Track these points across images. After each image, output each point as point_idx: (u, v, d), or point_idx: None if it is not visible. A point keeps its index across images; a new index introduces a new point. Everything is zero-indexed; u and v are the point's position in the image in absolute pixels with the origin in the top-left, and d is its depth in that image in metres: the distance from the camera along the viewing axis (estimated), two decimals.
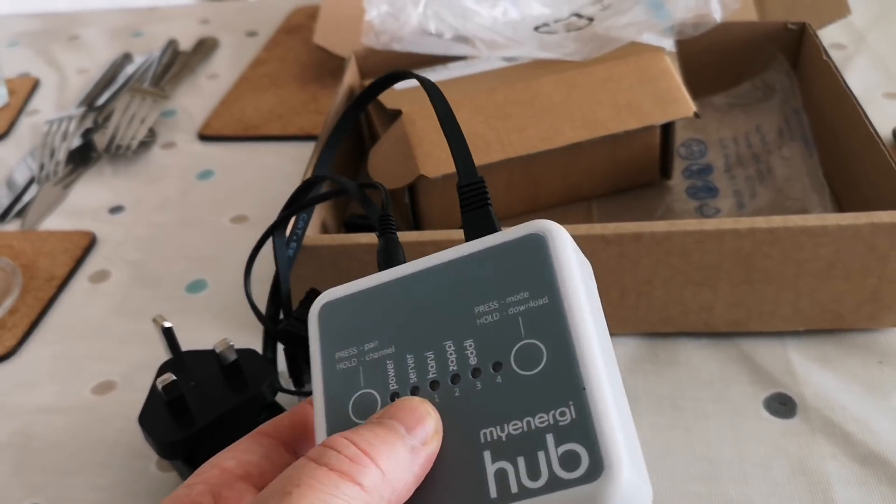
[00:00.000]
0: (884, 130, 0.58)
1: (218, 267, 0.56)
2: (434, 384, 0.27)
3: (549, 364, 0.25)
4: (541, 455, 0.24)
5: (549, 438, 0.24)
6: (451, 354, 0.27)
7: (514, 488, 0.24)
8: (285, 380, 0.45)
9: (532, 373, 0.25)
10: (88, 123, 0.75)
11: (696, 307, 0.45)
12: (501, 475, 0.24)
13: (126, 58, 0.87)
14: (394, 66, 0.61)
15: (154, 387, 0.40)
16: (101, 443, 0.45)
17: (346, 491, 0.23)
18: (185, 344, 0.42)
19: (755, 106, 0.61)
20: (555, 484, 0.23)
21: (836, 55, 0.69)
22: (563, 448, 0.24)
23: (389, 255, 0.32)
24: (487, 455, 0.25)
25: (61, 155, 0.71)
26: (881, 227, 0.41)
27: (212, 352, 0.40)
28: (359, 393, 0.27)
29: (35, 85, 0.85)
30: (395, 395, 0.27)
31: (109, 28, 0.96)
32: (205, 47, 0.88)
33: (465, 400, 0.26)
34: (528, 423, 0.25)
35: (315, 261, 0.45)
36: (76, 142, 0.73)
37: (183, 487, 0.28)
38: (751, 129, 0.60)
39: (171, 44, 0.87)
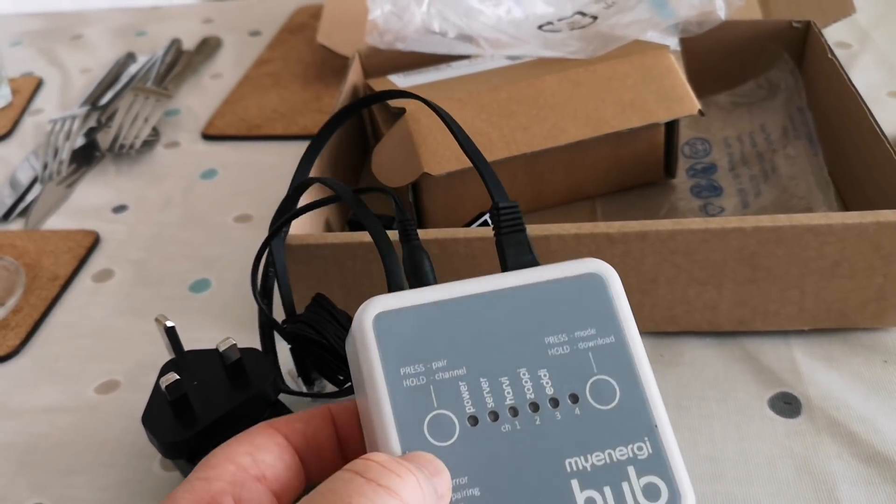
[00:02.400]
0: (889, 129, 0.57)
1: (221, 266, 0.56)
2: (513, 410, 0.28)
3: (622, 401, 0.29)
4: (625, 486, 0.28)
5: (631, 470, 0.28)
6: (526, 382, 0.29)
7: None
8: (288, 379, 0.45)
9: (608, 408, 0.29)
10: (92, 123, 0.75)
11: (700, 306, 0.45)
12: (591, 503, 0.27)
13: (129, 57, 0.87)
14: (397, 65, 0.61)
15: (157, 386, 0.40)
16: (104, 442, 0.45)
17: None
18: (189, 343, 0.41)
19: (759, 104, 0.61)
20: None
21: (841, 54, 0.69)
22: (644, 480, 0.28)
23: (416, 265, 0.32)
24: (575, 484, 0.27)
25: (65, 154, 0.71)
26: (886, 225, 0.41)
27: (215, 351, 0.40)
28: (433, 413, 0.28)
29: (38, 84, 0.85)
30: (472, 419, 0.28)
31: (113, 27, 0.96)
32: (208, 47, 0.88)
33: (546, 429, 0.28)
34: (610, 455, 0.28)
35: (319, 259, 0.45)
36: (79, 141, 0.73)
37: (200, 480, 0.27)
38: (755, 127, 0.59)
39: (175, 43, 0.87)
